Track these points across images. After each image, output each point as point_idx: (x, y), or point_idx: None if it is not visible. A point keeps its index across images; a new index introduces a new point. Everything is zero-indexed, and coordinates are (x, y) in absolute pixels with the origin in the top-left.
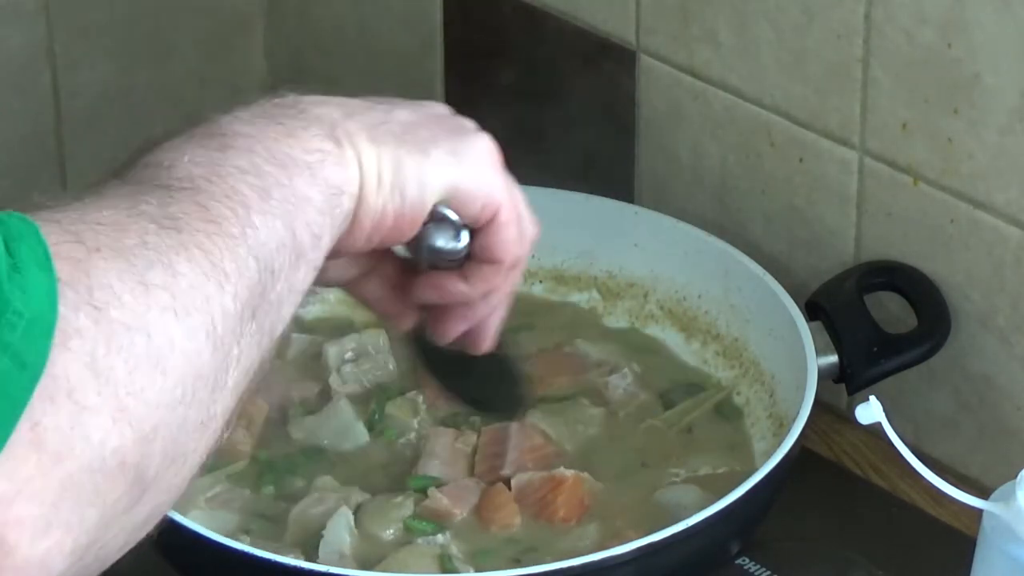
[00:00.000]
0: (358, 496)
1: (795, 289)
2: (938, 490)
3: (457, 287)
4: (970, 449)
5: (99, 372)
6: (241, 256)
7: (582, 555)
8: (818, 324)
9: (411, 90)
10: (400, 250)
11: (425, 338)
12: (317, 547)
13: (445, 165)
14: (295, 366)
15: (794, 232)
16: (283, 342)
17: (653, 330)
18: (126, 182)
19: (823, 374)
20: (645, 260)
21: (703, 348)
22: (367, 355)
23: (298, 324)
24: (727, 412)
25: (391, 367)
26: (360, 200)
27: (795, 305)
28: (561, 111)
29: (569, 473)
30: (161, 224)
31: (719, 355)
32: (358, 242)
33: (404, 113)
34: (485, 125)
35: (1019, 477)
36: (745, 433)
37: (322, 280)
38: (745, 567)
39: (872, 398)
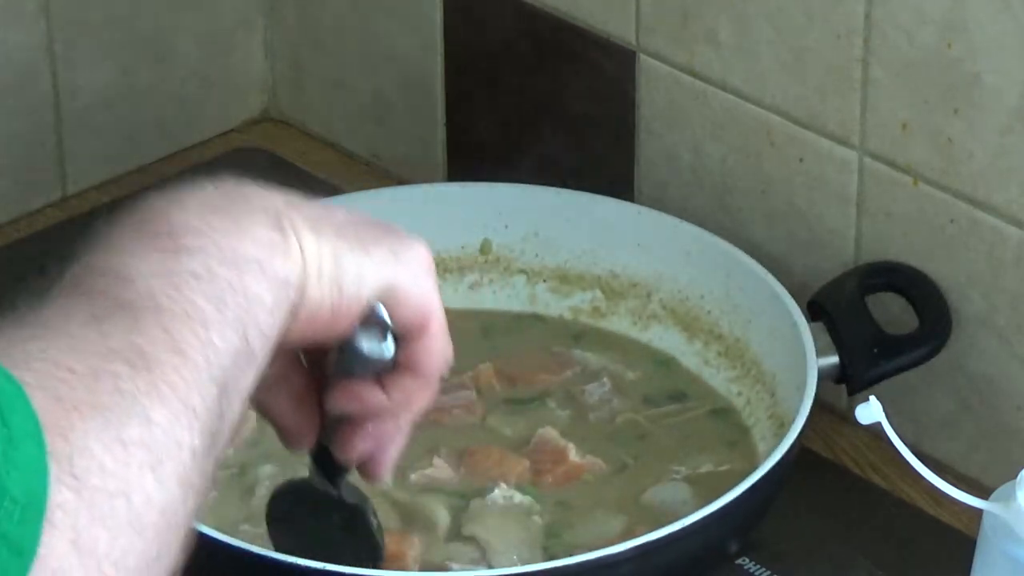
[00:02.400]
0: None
1: (795, 289)
2: (938, 490)
3: (376, 397)
4: (970, 449)
5: (82, 547)
6: (205, 386)
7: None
8: (819, 325)
9: (411, 90)
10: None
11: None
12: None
13: (384, 263)
14: None
15: (794, 232)
16: None
17: (656, 331)
18: (84, 294)
19: (824, 375)
20: (648, 260)
21: (705, 348)
22: None
23: None
24: (723, 416)
25: None
26: (302, 292)
27: (796, 306)
28: (561, 111)
29: (577, 458)
30: (132, 364)
31: (721, 355)
32: (294, 335)
33: (342, 213)
34: (486, 125)
35: (1019, 477)
36: (746, 433)
37: None
38: (745, 567)
39: (872, 398)
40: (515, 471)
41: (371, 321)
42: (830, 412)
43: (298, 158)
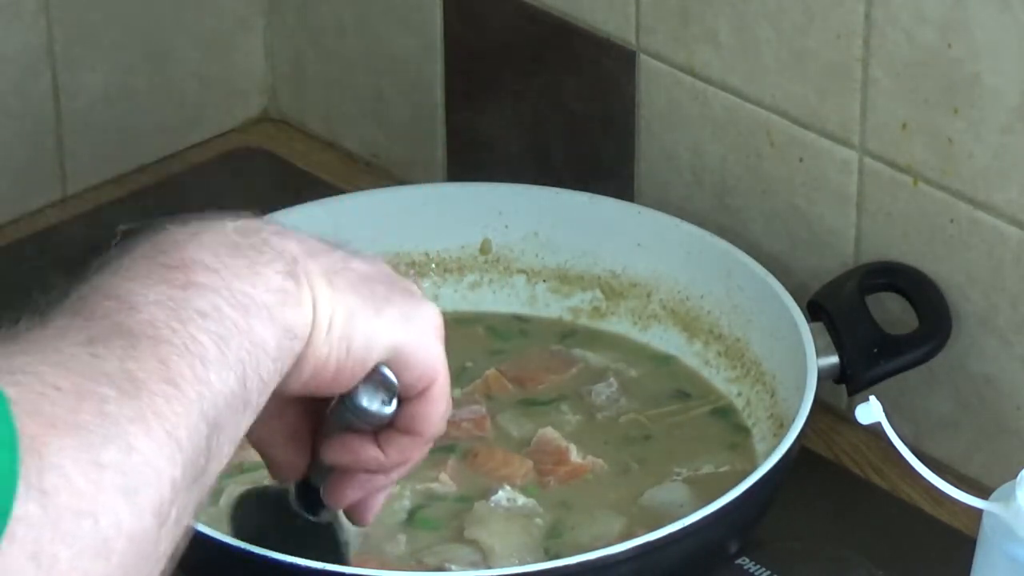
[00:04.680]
0: None
1: (795, 289)
2: (938, 490)
3: (371, 453)
4: (970, 449)
5: (42, 562)
6: (194, 422)
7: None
8: (819, 325)
9: (411, 90)
10: None
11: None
12: None
13: (395, 327)
14: None
15: (794, 232)
16: None
17: (656, 331)
18: (84, 316)
19: (824, 375)
20: (648, 260)
21: (705, 348)
22: None
23: None
24: (725, 415)
25: None
26: (308, 344)
27: (796, 306)
28: (561, 111)
29: (579, 459)
30: (121, 388)
31: (721, 355)
32: (294, 385)
33: (360, 264)
34: (485, 125)
35: (1019, 477)
36: (746, 434)
37: None
38: (745, 567)
39: (872, 398)
40: (520, 472)
41: (375, 379)
42: (830, 412)
43: (298, 158)
